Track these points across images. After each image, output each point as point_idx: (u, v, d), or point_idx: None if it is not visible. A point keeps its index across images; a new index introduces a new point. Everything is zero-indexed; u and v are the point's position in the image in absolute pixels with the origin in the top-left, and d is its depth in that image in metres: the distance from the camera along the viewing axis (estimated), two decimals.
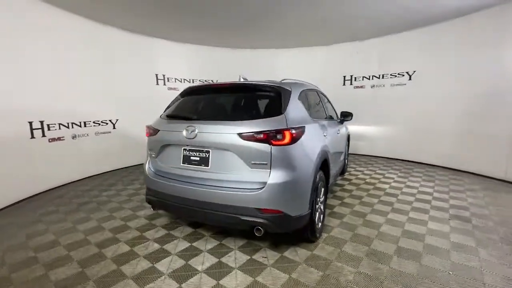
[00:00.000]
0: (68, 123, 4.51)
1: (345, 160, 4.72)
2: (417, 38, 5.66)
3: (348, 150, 5.08)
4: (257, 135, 1.99)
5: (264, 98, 2.43)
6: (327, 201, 3.51)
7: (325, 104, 3.60)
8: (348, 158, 5.19)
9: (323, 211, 2.75)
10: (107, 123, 5.31)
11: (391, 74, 6.24)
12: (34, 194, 3.98)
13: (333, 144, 3.16)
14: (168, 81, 6.48)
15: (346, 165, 4.95)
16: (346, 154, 4.82)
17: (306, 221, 2.22)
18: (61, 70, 4.35)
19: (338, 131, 3.70)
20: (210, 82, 7.07)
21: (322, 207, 2.70)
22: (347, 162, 5.17)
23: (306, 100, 2.71)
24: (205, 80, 7.13)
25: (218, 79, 7.05)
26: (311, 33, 5.87)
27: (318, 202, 2.50)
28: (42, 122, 4.06)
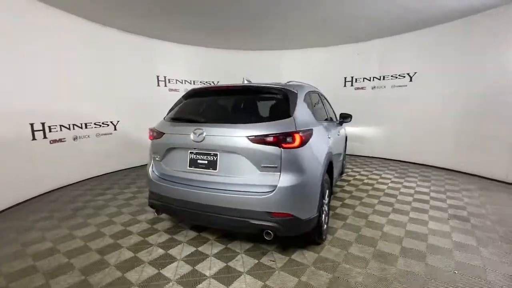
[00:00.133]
0: (69, 125, 4.49)
1: (343, 161, 4.77)
2: (417, 40, 5.64)
3: (345, 151, 5.13)
4: (267, 138, 1.98)
5: (271, 101, 2.41)
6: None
7: (325, 105, 3.62)
8: (345, 159, 5.24)
9: (328, 213, 2.76)
10: (108, 125, 5.26)
11: (392, 76, 6.24)
12: (34, 196, 3.95)
13: (335, 145, 3.18)
14: (169, 82, 6.42)
15: (344, 166, 5.00)
16: (344, 155, 4.87)
17: (314, 224, 2.22)
18: (61, 71, 4.33)
19: (339, 133, 3.73)
20: (210, 84, 7.04)
21: (327, 209, 2.71)
22: (345, 163, 5.22)
23: (310, 102, 2.72)
24: (206, 81, 7.08)
25: (219, 81, 7.02)
26: (312, 33, 5.87)
27: (324, 204, 2.51)
28: (43, 124, 4.04)
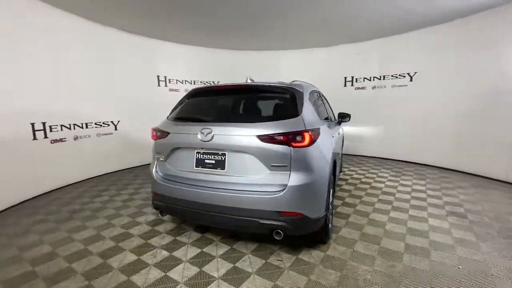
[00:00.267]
0: (70, 125, 4.44)
1: (341, 160, 4.81)
2: (418, 39, 5.65)
3: (342, 150, 5.19)
4: (277, 137, 1.97)
5: (277, 100, 2.40)
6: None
7: (325, 105, 3.65)
8: (342, 158, 5.29)
9: (332, 212, 2.78)
10: (109, 124, 5.22)
11: (392, 75, 6.26)
12: (35, 196, 3.91)
13: (336, 145, 3.21)
14: (169, 82, 6.36)
15: (341, 165, 5.05)
16: (341, 154, 4.92)
17: (322, 223, 2.23)
18: (61, 71, 4.29)
19: (338, 132, 3.77)
20: (211, 84, 6.99)
21: (331, 208, 2.73)
22: (342, 162, 5.28)
23: (314, 101, 2.73)
24: (206, 81, 7.04)
25: (219, 81, 6.99)
26: (312, 33, 5.89)
27: (329, 203, 2.52)
28: (44, 124, 3.99)
